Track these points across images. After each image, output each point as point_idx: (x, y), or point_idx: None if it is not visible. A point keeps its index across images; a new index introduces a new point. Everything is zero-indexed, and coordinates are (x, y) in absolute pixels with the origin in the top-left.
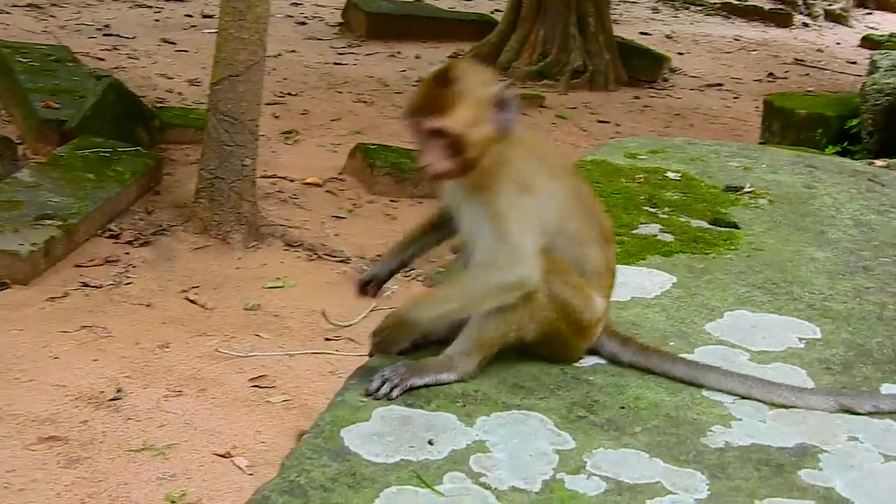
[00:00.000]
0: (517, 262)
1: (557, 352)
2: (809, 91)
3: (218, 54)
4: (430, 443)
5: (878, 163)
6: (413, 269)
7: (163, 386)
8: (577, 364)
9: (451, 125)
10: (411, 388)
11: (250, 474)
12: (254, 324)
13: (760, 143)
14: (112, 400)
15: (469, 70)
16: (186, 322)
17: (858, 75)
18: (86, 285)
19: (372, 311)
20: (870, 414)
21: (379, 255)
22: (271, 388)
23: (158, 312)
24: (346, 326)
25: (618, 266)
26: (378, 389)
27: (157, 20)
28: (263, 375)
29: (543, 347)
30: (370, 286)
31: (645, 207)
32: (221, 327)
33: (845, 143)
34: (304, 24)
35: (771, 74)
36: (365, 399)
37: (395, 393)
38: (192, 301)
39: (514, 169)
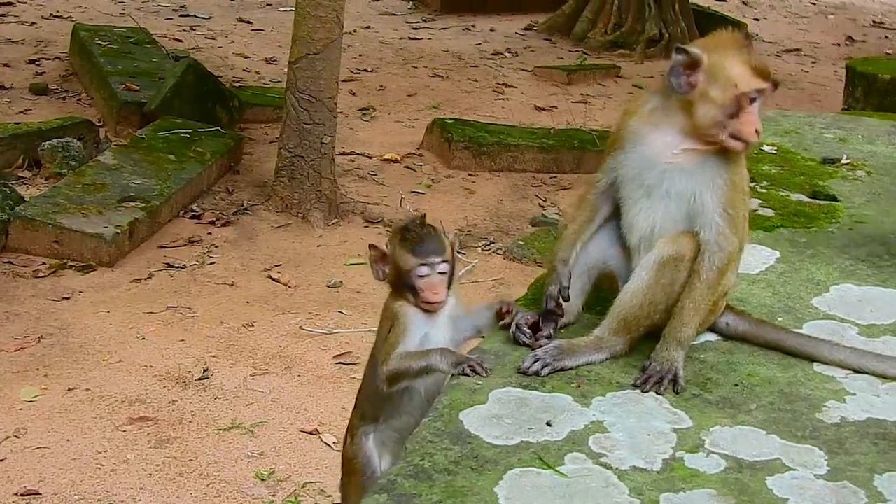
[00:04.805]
0: (736, 244)
1: None
2: (888, 54)
3: (296, 33)
4: (549, 424)
5: None
6: (492, 244)
7: (249, 364)
8: None
9: None
10: (562, 370)
11: (338, 451)
12: (336, 301)
13: (844, 109)
14: (199, 379)
15: None
16: (270, 300)
17: None
18: (170, 266)
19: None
20: None
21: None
22: (356, 364)
23: (242, 291)
24: None
25: None
26: (530, 367)
27: (232, 0)
28: (348, 352)
29: None
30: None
31: None
32: (305, 305)
33: None
34: None
35: (849, 38)
36: (480, 382)
37: (545, 371)
38: (274, 279)
39: None
